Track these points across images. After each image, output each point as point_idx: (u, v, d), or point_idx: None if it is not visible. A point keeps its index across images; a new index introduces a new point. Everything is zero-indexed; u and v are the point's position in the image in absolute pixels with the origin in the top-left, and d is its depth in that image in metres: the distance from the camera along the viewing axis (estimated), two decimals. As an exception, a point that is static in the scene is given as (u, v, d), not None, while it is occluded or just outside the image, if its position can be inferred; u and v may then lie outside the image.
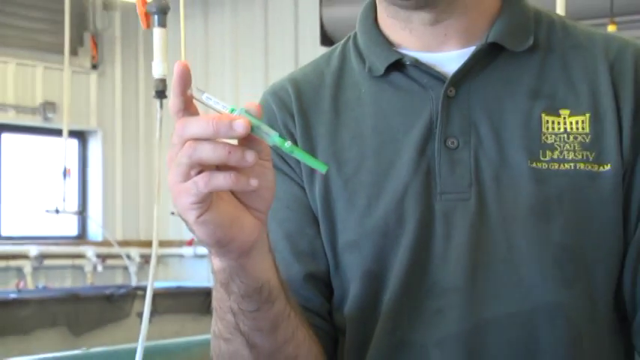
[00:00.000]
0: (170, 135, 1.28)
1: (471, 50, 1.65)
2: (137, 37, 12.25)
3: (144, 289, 4.33)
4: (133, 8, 4.55)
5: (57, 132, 11.07)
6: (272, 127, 1.41)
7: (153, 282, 4.46)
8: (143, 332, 4.10)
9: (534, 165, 1.59)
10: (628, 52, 1.67)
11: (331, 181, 1.65)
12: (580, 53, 1.69)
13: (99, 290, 9.83)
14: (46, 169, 11.22)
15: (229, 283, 1.43)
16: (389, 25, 1.73)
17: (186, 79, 1.25)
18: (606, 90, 1.63)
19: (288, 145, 1.30)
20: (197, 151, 1.22)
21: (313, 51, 11.54)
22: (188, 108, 1.27)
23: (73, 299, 9.00)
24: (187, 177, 1.25)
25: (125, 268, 11.70)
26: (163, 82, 4.29)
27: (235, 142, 1.26)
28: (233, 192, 1.32)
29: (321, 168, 1.33)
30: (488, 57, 1.66)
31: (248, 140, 1.25)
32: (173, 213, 11.45)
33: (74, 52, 11.81)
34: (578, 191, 1.59)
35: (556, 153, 1.60)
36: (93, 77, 12.48)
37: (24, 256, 11.43)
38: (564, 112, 1.63)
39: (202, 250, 12.37)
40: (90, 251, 11.97)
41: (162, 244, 11.39)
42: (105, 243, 12.00)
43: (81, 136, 12.52)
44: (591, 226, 1.59)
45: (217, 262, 1.41)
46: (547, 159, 1.60)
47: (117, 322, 8.71)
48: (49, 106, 11.91)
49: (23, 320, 8.39)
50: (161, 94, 4.28)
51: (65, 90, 11.01)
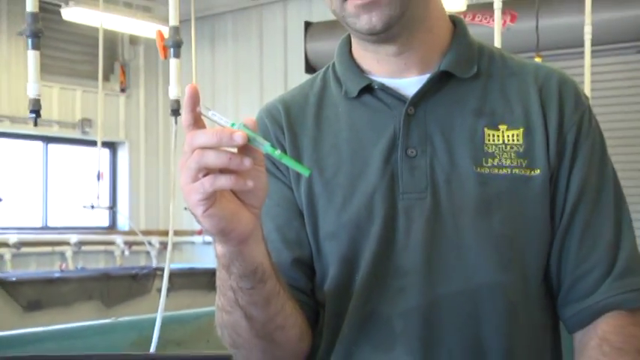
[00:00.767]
0: (183, 145, 1.32)
1: (427, 77, 1.68)
2: (157, 66, 12.21)
3: (162, 270, 4.31)
4: (154, 42, 4.59)
5: (92, 143, 10.98)
6: (265, 139, 1.44)
7: (169, 264, 4.47)
8: (161, 304, 4.09)
9: (478, 170, 1.63)
10: (553, 79, 1.72)
11: (314, 183, 1.68)
12: (515, 79, 1.73)
13: (126, 270, 9.83)
14: (84, 173, 11.18)
15: (230, 266, 1.47)
16: (361, 56, 1.75)
17: (195, 99, 1.31)
18: (536, 109, 1.68)
19: (278, 153, 1.34)
20: (204, 158, 1.28)
21: (299, 77, 11.53)
22: (197, 122, 1.32)
23: (105, 278, 8.99)
24: (196, 179, 1.31)
25: (147, 253, 11.70)
26: (177, 102, 4.27)
27: (235, 151, 1.31)
28: (233, 191, 1.36)
29: (305, 172, 1.38)
30: (440, 82, 1.69)
31: (245, 149, 1.30)
32: (185, 208, 11.41)
33: (106, 78, 11.82)
34: (514, 191, 1.63)
35: (496, 160, 1.64)
36: (121, 99, 12.44)
37: (66, 243, 11.44)
38: (502, 127, 1.67)
39: (209, 239, 12.32)
40: (119, 239, 11.99)
41: (177, 233, 11.35)
42: (131, 232, 11.97)
43: (112, 147, 12.50)
44: (525, 220, 1.64)
45: (220, 248, 1.46)
46: (489, 165, 1.63)
47: (141, 297, 8.71)
48: (86, 122, 11.90)
49: (65, 295, 8.38)
50: (176, 112, 4.28)
51: (99, 109, 10.89)
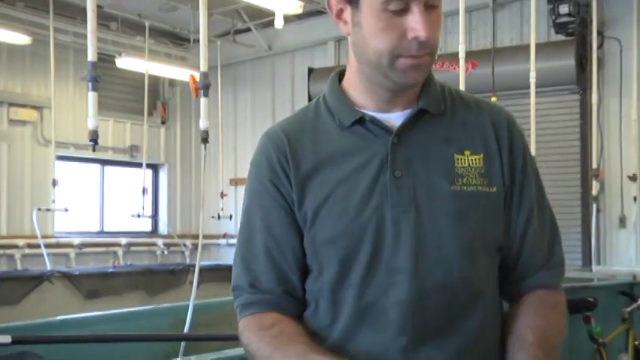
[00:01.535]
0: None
1: (408, 113, 1.68)
2: (190, 104, 12.17)
3: (194, 266, 4.32)
4: (188, 85, 4.61)
5: (138, 165, 11.08)
6: (269, 164, 1.63)
7: (199, 261, 4.44)
8: (193, 294, 4.07)
9: (452, 188, 1.64)
10: (502, 116, 1.75)
11: (315, 199, 1.64)
12: (472, 113, 1.74)
13: (165, 267, 9.79)
14: (132, 189, 11.20)
15: None
16: (355, 90, 1.71)
17: None
18: (492, 139, 1.71)
19: None
20: None
21: (303, 113, 11.55)
22: None
23: (149, 272, 8.98)
24: None
25: (182, 252, 11.69)
26: (206, 132, 4.28)
27: None
28: None
29: None
30: (418, 117, 1.68)
31: None
32: (213, 217, 11.50)
33: (150, 113, 11.82)
34: (479, 204, 1.66)
35: (465, 179, 1.66)
36: (162, 129, 12.47)
37: (118, 245, 11.51)
38: (467, 153, 1.68)
39: (232, 241, 12.38)
40: (159, 241, 12.01)
41: (205, 237, 11.32)
42: (169, 236, 11.97)
43: (154, 168, 12.50)
44: (487, 226, 1.67)
45: None
46: (459, 183, 1.65)
47: (177, 288, 8.69)
48: (134, 148, 11.92)
49: (117, 286, 8.36)
50: (205, 140, 4.27)
51: (144, 138, 11.00)
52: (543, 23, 8.86)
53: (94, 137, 4.25)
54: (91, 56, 4.28)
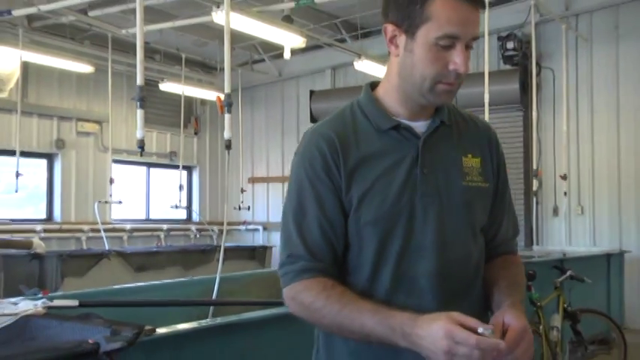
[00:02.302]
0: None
1: (429, 122, 1.67)
2: (217, 118, 12.11)
3: (220, 247, 4.33)
4: (215, 103, 4.58)
5: (176, 167, 11.01)
6: (323, 159, 1.59)
7: (224, 243, 4.44)
8: (219, 269, 4.07)
9: (463, 183, 1.66)
10: (490, 129, 1.79)
11: (362, 191, 1.59)
12: (469, 126, 1.75)
13: (197, 247, 9.78)
14: (171, 186, 11.16)
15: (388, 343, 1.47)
16: (392, 101, 1.67)
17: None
18: (485, 146, 1.74)
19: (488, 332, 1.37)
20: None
21: (306, 126, 11.53)
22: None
23: (184, 252, 8.98)
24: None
25: (210, 236, 11.59)
26: (229, 141, 4.26)
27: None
28: None
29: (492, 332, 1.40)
30: (437, 126, 1.67)
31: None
32: (235, 208, 11.51)
33: (185, 126, 11.79)
34: (479, 196, 1.68)
35: (470, 177, 1.67)
36: (195, 139, 12.43)
37: (160, 229, 11.47)
38: (470, 156, 1.70)
39: (250, 227, 12.41)
40: (193, 227, 11.96)
41: (229, 224, 11.29)
42: (200, 223, 11.91)
43: (188, 169, 12.41)
44: (482, 213, 1.70)
45: (401, 343, 1.45)
46: (467, 180, 1.67)
47: (207, 264, 8.65)
48: (173, 154, 11.90)
49: (159, 262, 8.36)
50: (228, 147, 4.26)
51: (181, 145, 10.98)
52: (494, 56, 8.87)
53: (141, 145, 4.26)
54: (140, 81, 4.29)
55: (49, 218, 10.39)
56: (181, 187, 10.83)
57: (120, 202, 10.02)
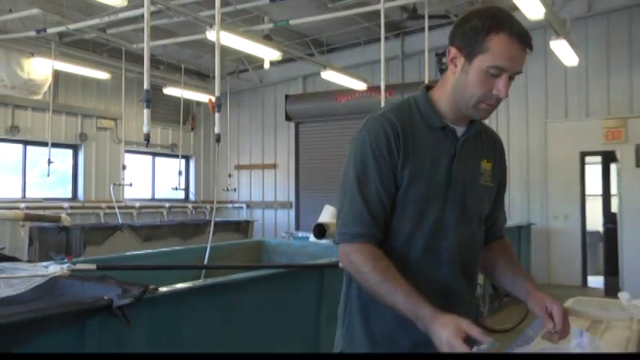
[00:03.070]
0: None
1: (465, 128, 1.65)
2: (210, 117, 12.01)
3: (211, 221, 4.29)
4: (208, 105, 4.49)
5: (176, 156, 10.95)
6: (387, 140, 1.54)
7: (214, 218, 4.40)
8: (210, 239, 4.03)
9: (480, 182, 1.66)
10: (498, 138, 1.78)
11: (413, 172, 1.56)
12: (488, 136, 1.74)
13: (193, 221, 9.67)
14: (172, 172, 11.05)
15: (414, 321, 1.43)
16: (443, 107, 1.63)
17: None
18: (496, 153, 1.74)
19: (496, 346, 1.27)
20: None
21: (282, 124, 11.53)
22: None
23: (183, 225, 8.85)
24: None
25: (204, 212, 11.57)
26: (219, 135, 4.20)
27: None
28: None
29: (494, 345, 1.27)
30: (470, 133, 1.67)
31: None
32: (223, 189, 11.45)
33: (184, 123, 11.65)
34: (488, 193, 1.70)
35: (484, 177, 1.68)
36: (192, 134, 12.24)
37: (163, 207, 11.31)
38: (485, 160, 1.69)
39: (237, 205, 12.36)
40: (189, 205, 11.82)
41: (218, 202, 11.22)
42: (196, 202, 11.82)
43: (186, 158, 12.29)
44: (487, 207, 1.71)
45: (419, 321, 1.41)
46: (482, 179, 1.67)
47: (201, 235, 8.58)
48: (174, 146, 11.75)
49: (163, 234, 8.26)
50: (218, 140, 4.20)
51: (180, 139, 10.89)
52: (433, 68, 8.90)
53: (147, 138, 4.19)
54: (146, 86, 4.21)
55: (74, 197, 10.25)
56: (180, 173, 10.77)
57: (131, 185, 9.98)
